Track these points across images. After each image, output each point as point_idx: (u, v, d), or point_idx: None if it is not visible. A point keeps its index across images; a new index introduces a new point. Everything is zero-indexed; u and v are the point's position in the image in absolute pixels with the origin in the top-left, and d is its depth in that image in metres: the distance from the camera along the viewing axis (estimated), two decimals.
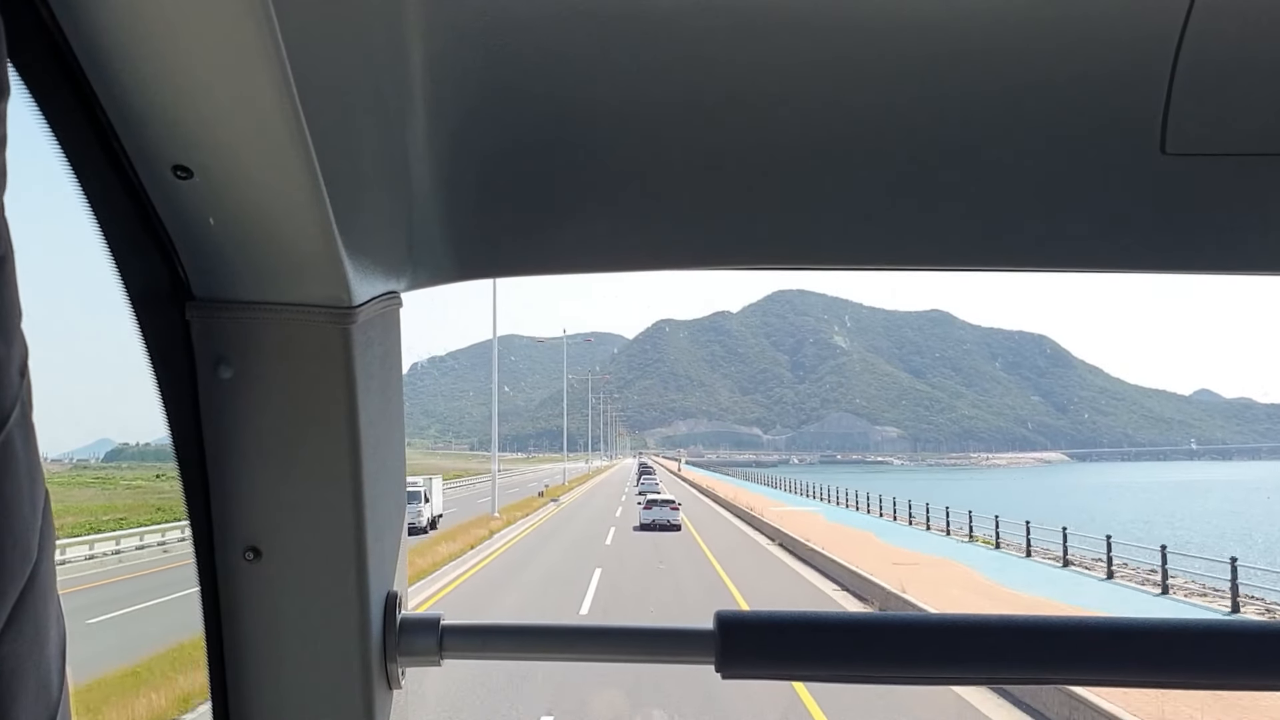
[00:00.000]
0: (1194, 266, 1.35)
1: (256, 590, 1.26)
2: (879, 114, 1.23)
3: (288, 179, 0.99)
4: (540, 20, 1.12)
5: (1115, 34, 1.14)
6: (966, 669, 1.27)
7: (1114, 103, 1.20)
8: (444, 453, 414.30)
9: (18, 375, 0.63)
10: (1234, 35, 1.13)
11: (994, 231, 1.34)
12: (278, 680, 1.29)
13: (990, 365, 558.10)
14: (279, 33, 0.83)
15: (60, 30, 0.86)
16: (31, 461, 0.64)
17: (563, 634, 1.40)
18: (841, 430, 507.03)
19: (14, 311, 0.62)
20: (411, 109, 1.16)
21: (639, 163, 1.29)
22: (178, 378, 1.20)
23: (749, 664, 1.27)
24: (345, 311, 1.20)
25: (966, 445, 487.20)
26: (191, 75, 0.88)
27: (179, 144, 0.96)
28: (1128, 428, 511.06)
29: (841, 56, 1.17)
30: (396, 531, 1.40)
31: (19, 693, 0.61)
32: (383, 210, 1.23)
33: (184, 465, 1.22)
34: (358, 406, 1.23)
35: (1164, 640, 1.24)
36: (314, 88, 0.92)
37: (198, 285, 1.17)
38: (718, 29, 1.14)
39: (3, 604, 0.59)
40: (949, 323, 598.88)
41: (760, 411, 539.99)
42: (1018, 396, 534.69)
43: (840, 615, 1.31)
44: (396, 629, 1.33)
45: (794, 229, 1.36)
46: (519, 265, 1.40)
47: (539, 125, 1.24)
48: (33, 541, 0.63)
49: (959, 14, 1.12)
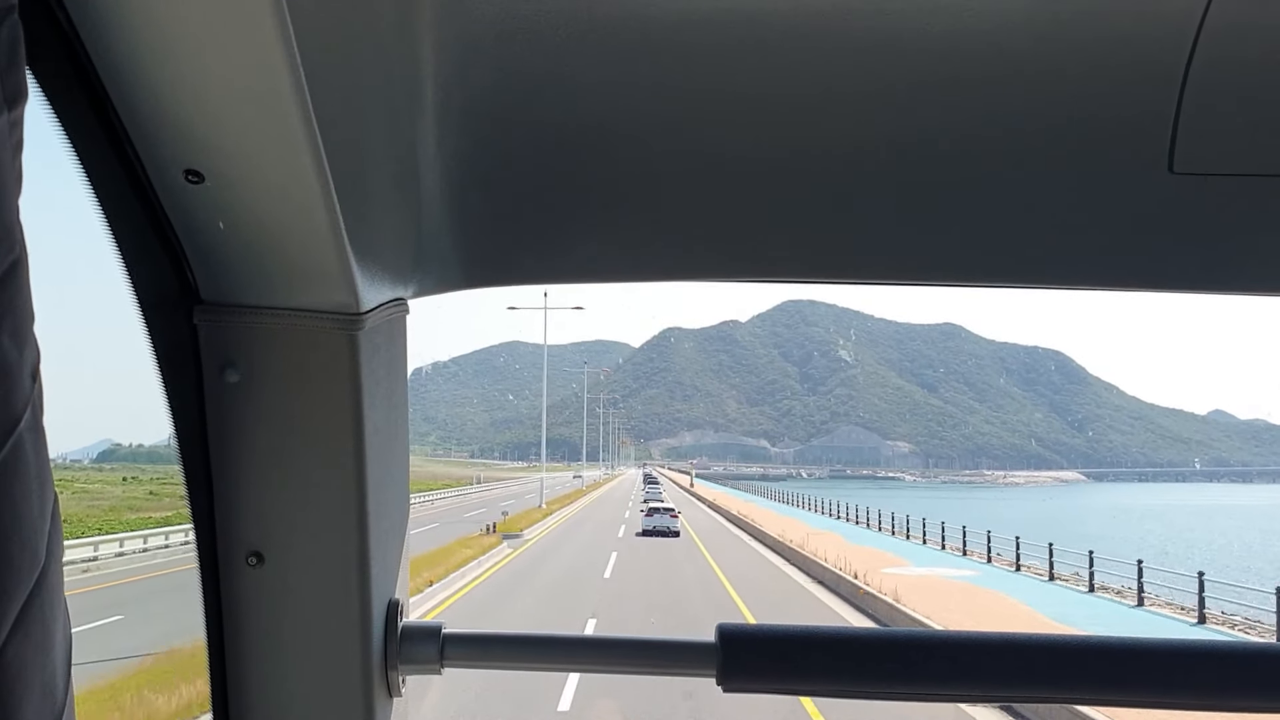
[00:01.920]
0: (1202, 286, 1.35)
1: (259, 595, 1.26)
2: (890, 131, 1.24)
3: (298, 185, 0.99)
4: (551, 33, 1.12)
5: (1124, 54, 1.14)
6: (971, 687, 1.26)
7: (1123, 122, 1.21)
8: (444, 460, 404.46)
9: (29, 379, 0.63)
10: (1243, 55, 1.13)
11: (1002, 248, 1.35)
12: (278, 686, 1.29)
13: (1003, 380, 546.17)
14: (293, 40, 0.84)
15: (77, 35, 0.87)
16: (41, 465, 0.64)
17: (564, 644, 1.40)
18: (851, 444, 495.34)
19: (27, 315, 0.63)
20: (422, 117, 1.17)
21: (647, 175, 1.30)
22: (184, 381, 1.20)
23: (750, 677, 1.27)
24: (352, 318, 1.20)
25: (980, 462, 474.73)
26: (205, 81, 0.89)
27: (191, 149, 0.97)
28: (1145, 447, 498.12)
29: (853, 75, 1.18)
30: (399, 539, 1.40)
31: (24, 696, 0.61)
32: (391, 217, 1.23)
33: (189, 469, 1.23)
34: (363, 413, 1.23)
35: (1182, 661, 1.23)
36: (326, 94, 0.92)
37: (206, 289, 1.18)
38: (729, 44, 1.14)
39: (10, 607, 0.59)
40: (961, 336, 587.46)
41: (768, 423, 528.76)
42: (1032, 413, 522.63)
43: (843, 630, 1.31)
44: (398, 637, 1.33)
45: (805, 243, 1.37)
46: (525, 275, 1.42)
47: (548, 136, 1.25)
48: (41, 545, 0.63)
49: (969, 32, 1.12)
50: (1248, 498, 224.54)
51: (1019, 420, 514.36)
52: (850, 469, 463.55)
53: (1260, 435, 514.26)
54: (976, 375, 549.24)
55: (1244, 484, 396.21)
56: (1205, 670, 1.23)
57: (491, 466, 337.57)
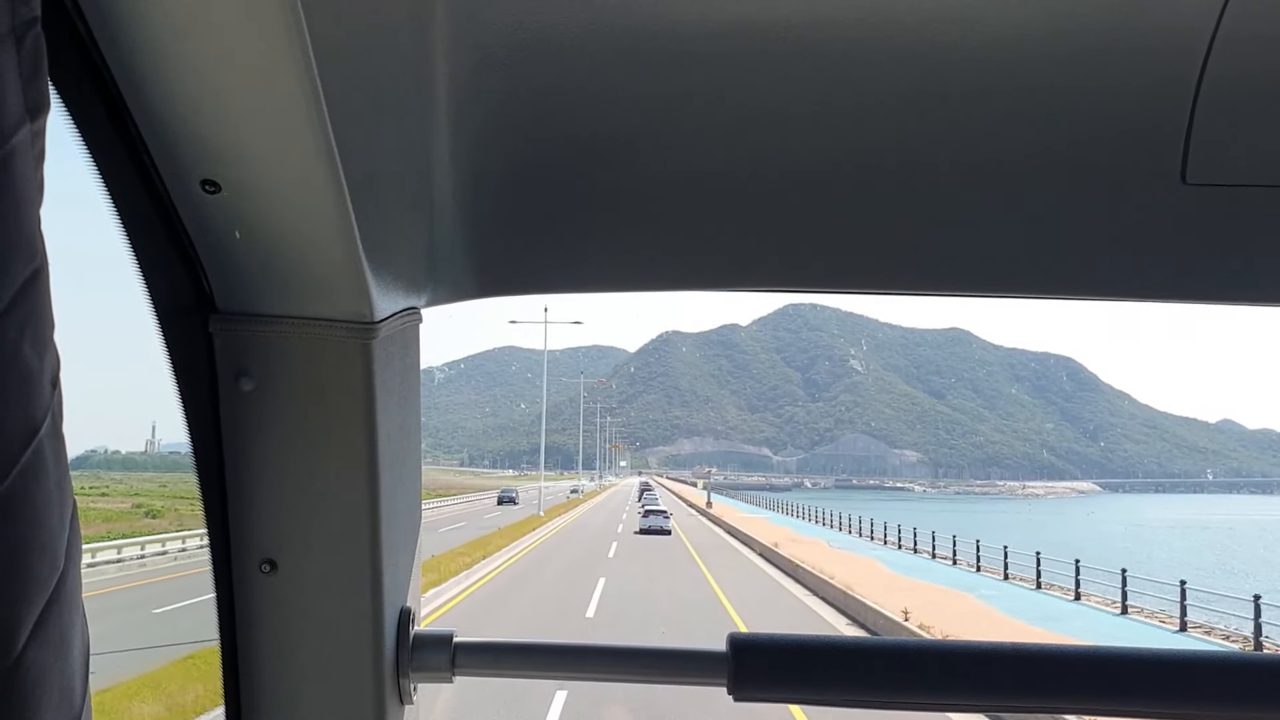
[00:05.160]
0: (1215, 297, 1.35)
1: (271, 602, 1.27)
2: (899, 143, 1.24)
3: (314, 195, 1.00)
4: (563, 44, 1.13)
5: (1137, 65, 1.14)
6: (985, 697, 1.25)
7: (1135, 133, 1.21)
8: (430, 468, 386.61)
9: (49, 386, 0.63)
10: (1256, 66, 1.13)
11: (1012, 258, 1.35)
12: (291, 693, 1.30)
13: (1013, 388, 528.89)
14: (310, 51, 0.85)
15: (96, 47, 0.88)
16: (61, 472, 0.64)
17: (575, 653, 1.40)
18: (857, 453, 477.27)
19: (47, 323, 0.63)
20: (436, 129, 1.18)
21: (657, 185, 1.31)
22: (199, 389, 1.21)
23: (761, 686, 1.27)
24: (367, 326, 1.21)
25: (991, 472, 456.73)
26: (222, 92, 0.90)
27: (208, 159, 0.98)
28: (1160, 457, 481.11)
29: (863, 88, 1.18)
30: (411, 547, 1.41)
31: (43, 700, 0.62)
32: (405, 227, 1.24)
33: (203, 476, 1.24)
34: (376, 421, 1.23)
35: (1194, 672, 1.23)
36: (341, 105, 0.93)
37: (221, 298, 1.19)
38: (740, 54, 1.15)
39: (30, 612, 0.60)
40: (969, 342, 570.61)
41: (770, 431, 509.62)
42: (1043, 421, 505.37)
43: (854, 640, 1.31)
44: (410, 644, 1.34)
45: (812, 253, 1.38)
46: (537, 284, 1.42)
47: (560, 146, 1.26)
48: (60, 551, 0.64)
49: (978, 41, 1.12)
50: (1276, 511, 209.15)
51: (1029, 429, 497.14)
52: (856, 479, 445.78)
53: (1275, 445, 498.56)
54: (986, 382, 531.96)
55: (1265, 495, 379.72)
56: (1220, 680, 1.23)
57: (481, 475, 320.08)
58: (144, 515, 52.37)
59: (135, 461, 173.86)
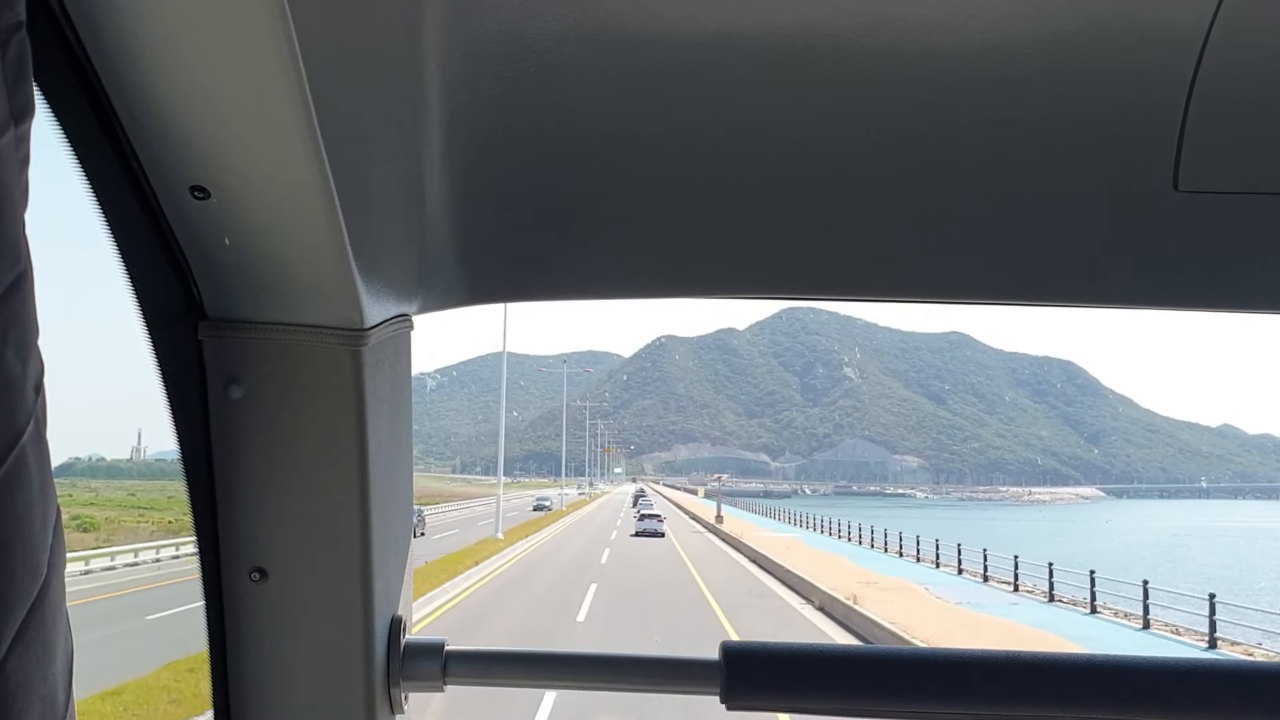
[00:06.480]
0: (1208, 304, 1.36)
1: (261, 611, 1.26)
2: (892, 147, 1.24)
3: (304, 201, 1.00)
4: (555, 49, 1.13)
5: (1128, 71, 1.14)
6: (979, 705, 1.25)
7: (1127, 140, 1.21)
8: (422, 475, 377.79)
9: (33, 392, 0.63)
10: (1248, 72, 1.13)
11: (1005, 265, 1.36)
12: (281, 702, 1.29)
13: (1014, 392, 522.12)
14: (299, 56, 0.84)
15: (84, 51, 0.87)
16: (44, 478, 0.64)
17: (567, 661, 1.39)
18: (857, 458, 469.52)
19: (32, 328, 0.63)
20: (427, 135, 1.18)
21: (652, 191, 1.30)
22: (188, 396, 1.20)
23: (754, 695, 1.27)
24: (357, 334, 1.20)
25: (993, 477, 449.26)
26: (211, 97, 0.89)
27: (197, 165, 0.97)
28: (1164, 462, 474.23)
29: (855, 93, 1.18)
30: (403, 555, 1.40)
31: (24, 708, 0.61)
32: (396, 234, 1.24)
33: (192, 484, 1.23)
34: (367, 429, 1.23)
35: (1196, 679, 1.24)
36: (332, 111, 0.93)
37: (211, 305, 1.18)
38: (734, 59, 1.14)
39: (11, 620, 0.60)
40: (969, 345, 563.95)
41: (768, 436, 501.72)
42: (1045, 426, 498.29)
43: (847, 648, 1.31)
44: (400, 653, 1.34)
45: (810, 260, 1.38)
46: (530, 291, 1.42)
47: (552, 153, 1.25)
48: (43, 558, 0.63)
49: (971, 48, 1.12)
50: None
51: (1031, 433, 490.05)
52: (856, 485, 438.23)
53: (1275, 450, 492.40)
54: (986, 387, 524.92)
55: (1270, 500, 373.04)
56: (1220, 689, 1.23)
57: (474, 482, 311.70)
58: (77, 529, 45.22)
59: (120, 469, 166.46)
